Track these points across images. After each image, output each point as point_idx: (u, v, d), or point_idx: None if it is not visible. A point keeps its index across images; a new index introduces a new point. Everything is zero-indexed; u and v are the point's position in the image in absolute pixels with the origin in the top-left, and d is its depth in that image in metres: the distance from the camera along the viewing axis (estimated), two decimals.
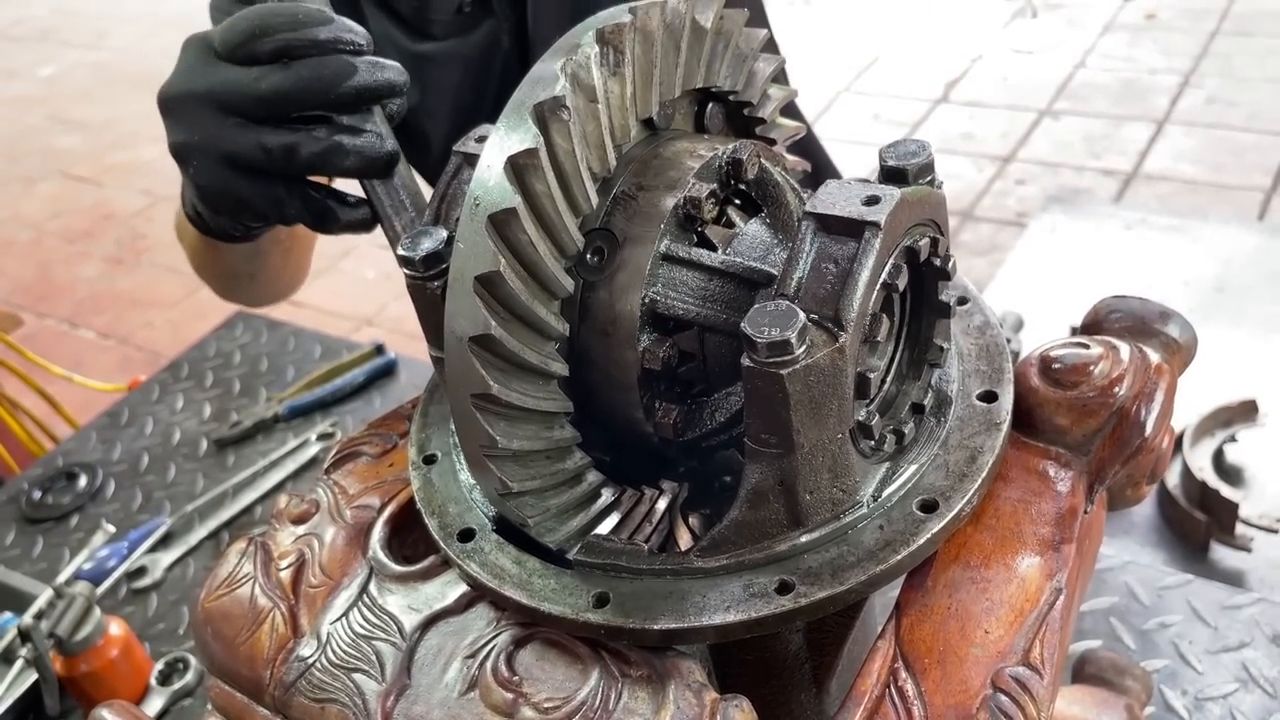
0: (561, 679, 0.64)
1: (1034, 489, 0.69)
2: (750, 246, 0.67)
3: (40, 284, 5.13)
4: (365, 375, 2.11)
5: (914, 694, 0.59)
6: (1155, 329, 0.80)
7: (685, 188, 0.65)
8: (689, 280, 0.65)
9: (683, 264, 0.65)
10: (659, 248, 0.64)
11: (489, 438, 0.61)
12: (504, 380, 0.60)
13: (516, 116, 0.60)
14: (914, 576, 0.65)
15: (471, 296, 0.58)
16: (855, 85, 5.49)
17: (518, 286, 0.58)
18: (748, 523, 0.62)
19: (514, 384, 0.60)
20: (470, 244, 0.58)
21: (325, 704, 0.68)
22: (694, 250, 0.65)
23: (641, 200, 0.65)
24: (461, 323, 0.59)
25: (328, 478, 0.83)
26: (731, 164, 0.67)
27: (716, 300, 0.64)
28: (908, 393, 0.68)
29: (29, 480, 2.05)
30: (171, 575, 1.80)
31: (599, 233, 0.65)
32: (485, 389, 0.59)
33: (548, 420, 0.63)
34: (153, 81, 0.97)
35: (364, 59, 0.85)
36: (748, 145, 0.67)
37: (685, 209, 0.65)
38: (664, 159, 0.67)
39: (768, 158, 0.69)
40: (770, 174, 0.69)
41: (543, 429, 0.63)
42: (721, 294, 0.64)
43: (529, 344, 0.60)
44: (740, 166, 0.66)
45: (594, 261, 0.65)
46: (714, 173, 0.67)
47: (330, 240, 1.23)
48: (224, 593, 0.76)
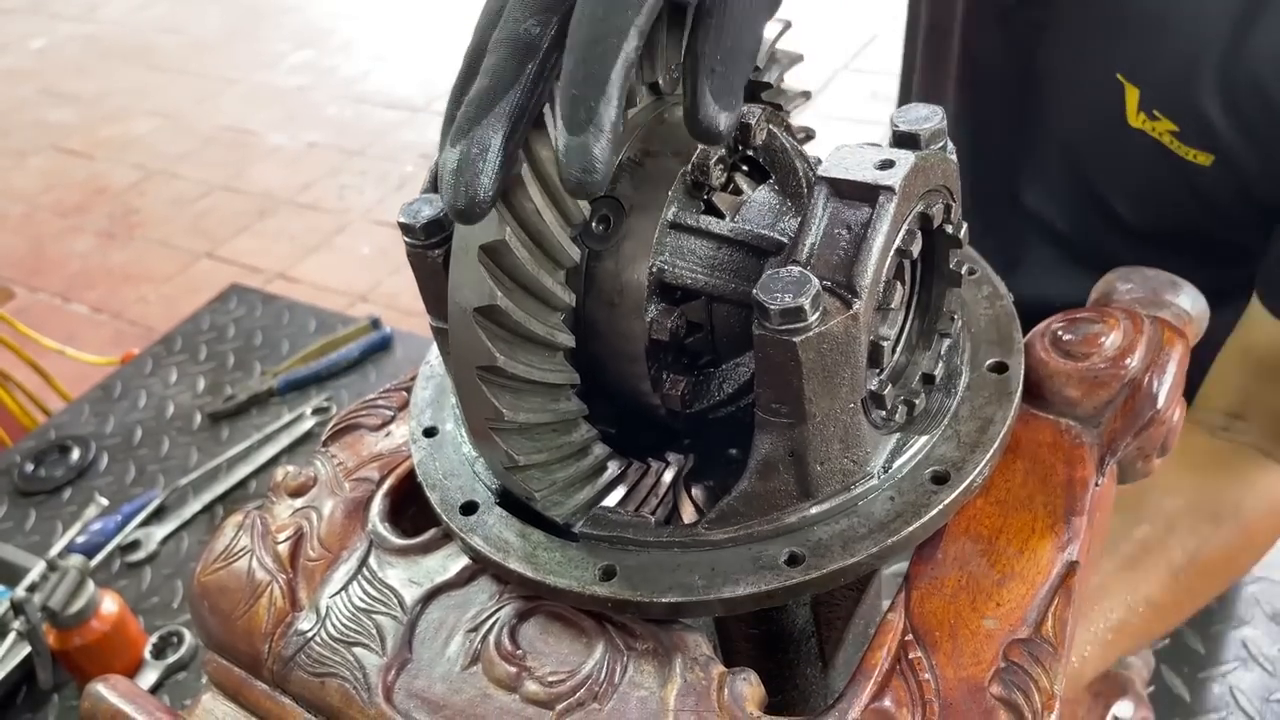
0: (566, 652, 0.63)
1: (1044, 461, 0.68)
2: (759, 214, 0.65)
3: (32, 258, 5.10)
4: (360, 350, 2.10)
5: (925, 666, 0.58)
6: (1166, 300, 0.80)
7: (692, 153, 0.63)
8: (697, 249, 0.63)
9: (690, 232, 0.63)
10: (666, 215, 0.63)
11: (495, 410, 0.59)
12: (510, 352, 0.58)
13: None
14: (924, 549, 0.64)
15: (476, 266, 0.57)
16: (853, 63, 5.46)
17: (524, 256, 0.57)
18: (757, 494, 0.61)
19: (520, 356, 0.59)
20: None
21: (325, 678, 0.67)
22: (702, 218, 0.64)
23: (648, 166, 0.64)
24: (466, 293, 0.58)
25: (325, 450, 0.82)
26: (739, 129, 0.65)
27: (725, 269, 0.63)
28: (918, 363, 0.67)
29: (21, 453, 2.04)
30: (165, 549, 1.80)
31: (605, 200, 0.64)
32: (491, 361, 0.58)
33: (554, 392, 0.62)
34: (145, 55, 0.96)
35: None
36: (755, 110, 0.65)
37: (693, 175, 0.64)
38: (670, 124, 0.65)
39: (775, 123, 0.68)
40: (778, 139, 0.67)
41: (549, 401, 0.62)
42: (730, 262, 0.63)
43: (535, 315, 0.59)
44: (748, 131, 0.65)
45: (600, 230, 0.64)
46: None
47: (325, 216, 1.21)
48: (220, 566, 0.75)
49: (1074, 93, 1.27)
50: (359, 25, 6.74)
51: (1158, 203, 1.24)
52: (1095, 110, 1.23)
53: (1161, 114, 1.15)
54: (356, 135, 5.65)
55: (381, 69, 6.23)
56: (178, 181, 5.49)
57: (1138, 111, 1.17)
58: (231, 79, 6.39)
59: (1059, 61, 1.27)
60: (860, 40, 5.62)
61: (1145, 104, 1.16)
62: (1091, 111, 1.25)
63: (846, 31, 5.67)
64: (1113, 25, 1.18)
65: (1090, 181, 1.30)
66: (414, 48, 6.32)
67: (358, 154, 5.49)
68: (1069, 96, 1.28)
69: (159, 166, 5.64)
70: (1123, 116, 1.19)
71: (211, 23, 7.12)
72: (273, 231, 5.01)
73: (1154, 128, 1.16)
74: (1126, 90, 1.17)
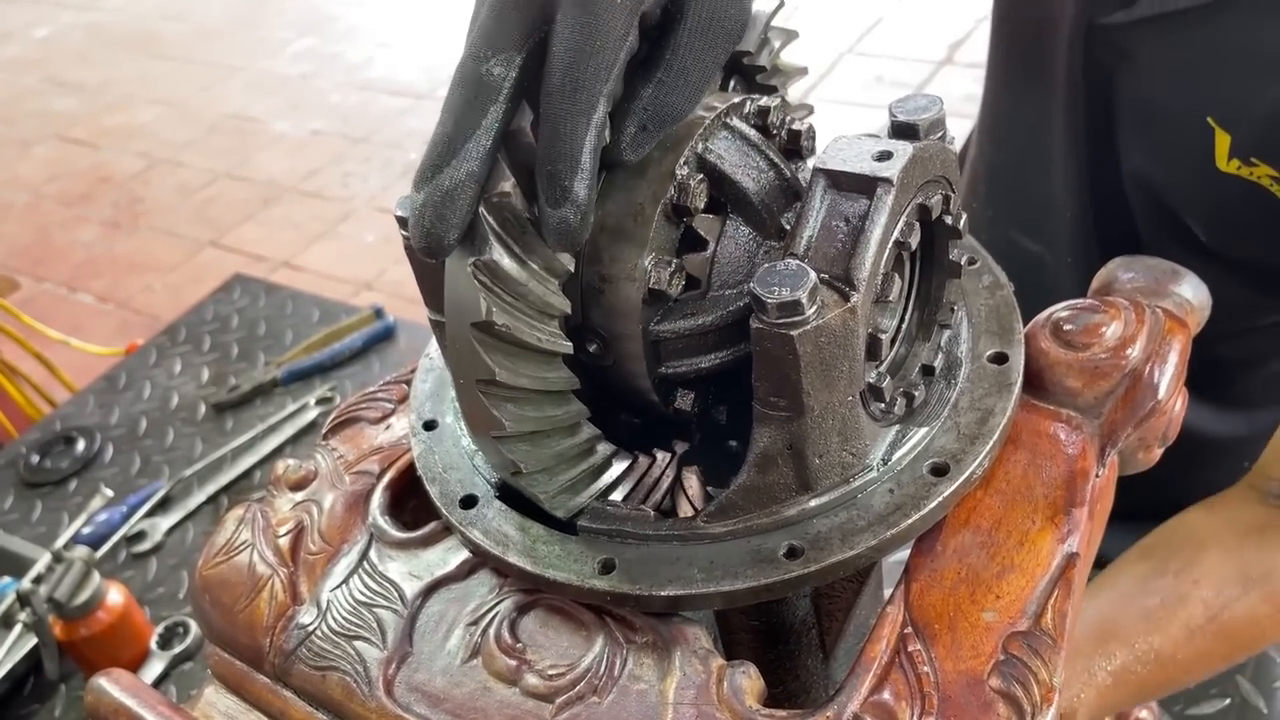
0: (565, 646, 0.63)
1: (1045, 452, 0.67)
2: (731, 269, 0.63)
3: (37, 248, 5.11)
4: (364, 340, 2.10)
5: (925, 659, 0.58)
6: (1168, 289, 0.79)
7: (644, 276, 0.61)
8: (688, 346, 0.63)
9: (676, 338, 0.63)
10: (648, 338, 0.62)
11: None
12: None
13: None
14: (923, 541, 0.64)
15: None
16: (858, 47, 5.44)
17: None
18: (756, 487, 0.61)
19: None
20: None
21: (326, 671, 0.67)
22: (679, 324, 0.62)
23: (609, 295, 0.62)
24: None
25: (326, 444, 0.82)
26: (676, 210, 0.62)
27: (720, 346, 0.63)
28: (917, 354, 0.66)
29: (27, 444, 2.04)
30: (170, 540, 1.80)
31: (585, 330, 0.63)
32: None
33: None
34: (148, 43, 0.95)
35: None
36: (687, 180, 0.61)
37: (651, 296, 0.62)
38: (610, 232, 0.62)
39: (719, 140, 0.63)
40: (720, 172, 0.63)
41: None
42: (723, 339, 0.63)
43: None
44: (686, 210, 0.61)
45: (596, 351, 0.64)
46: (665, 225, 0.62)
47: (329, 204, 1.20)
48: (222, 560, 0.75)
49: (1155, 129, 1.20)
50: (362, 12, 6.72)
51: (1251, 238, 1.18)
52: (1179, 149, 1.16)
53: (1260, 160, 1.09)
54: (360, 122, 5.64)
55: (385, 56, 6.21)
56: (182, 170, 5.49)
57: (1229, 157, 1.11)
58: (235, 67, 6.38)
59: (1141, 94, 1.20)
60: (865, 23, 5.59)
61: (1239, 150, 1.10)
62: (1175, 151, 1.18)
63: (851, 15, 5.65)
64: (1206, 65, 1.11)
65: (1170, 211, 1.23)
66: (417, 34, 6.30)
67: (362, 141, 5.48)
68: (1148, 131, 1.21)
69: (163, 155, 5.63)
70: (1211, 160, 1.12)
71: (215, 10, 7.11)
72: (277, 220, 5.01)
73: (1251, 173, 1.10)
74: (1217, 135, 1.12)
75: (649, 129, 0.60)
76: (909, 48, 5.34)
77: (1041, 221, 1.37)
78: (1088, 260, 1.32)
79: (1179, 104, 1.15)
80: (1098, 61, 1.21)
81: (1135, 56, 1.18)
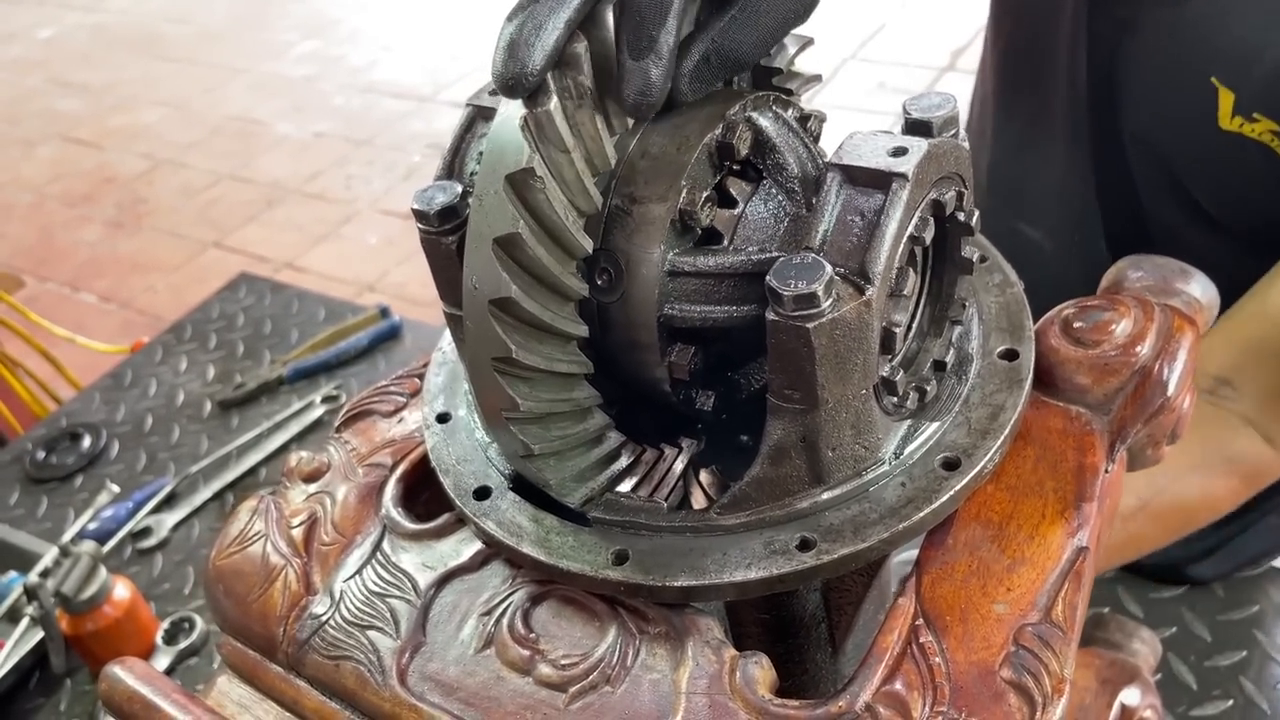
0: (579, 636, 0.63)
1: (1055, 447, 0.68)
2: (757, 230, 0.64)
3: (41, 248, 5.11)
4: (370, 338, 2.11)
5: (936, 650, 0.58)
6: (1177, 287, 0.80)
7: (679, 196, 0.62)
8: (700, 289, 0.63)
9: (690, 275, 0.63)
10: (663, 265, 0.63)
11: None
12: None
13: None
14: (934, 534, 0.64)
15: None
16: (861, 53, 5.45)
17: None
18: (769, 479, 0.61)
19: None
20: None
21: (340, 661, 0.67)
22: (699, 259, 0.63)
23: (636, 215, 0.63)
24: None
25: (339, 436, 0.82)
26: (720, 149, 0.63)
27: (732, 300, 0.63)
28: (929, 350, 0.67)
29: (33, 440, 2.05)
30: (176, 535, 1.81)
31: (603, 253, 0.64)
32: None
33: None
34: (152, 44, 0.96)
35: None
36: (737, 122, 0.64)
37: (682, 220, 0.62)
38: (653, 159, 0.63)
39: (764, 112, 0.66)
40: (766, 137, 0.65)
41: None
42: (735, 293, 0.63)
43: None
44: (730, 151, 0.63)
45: (603, 283, 0.64)
46: (706, 164, 0.63)
47: (332, 206, 1.21)
48: (235, 550, 0.75)
49: (1157, 95, 1.24)
50: (366, 15, 6.74)
51: (1252, 199, 1.21)
52: (1182, 113, 1.20)
53: (1262, 115, 1.12)
54: (364, 125, 5.65)
55: (389, 58, 6.23)
56: (185, 171, 5.50)
57: (1232, 115, 1.14)
58: (239, 69, 6.39)
59: (1142, 63, 1.23)
60: (868, 30, 5.60)
61: (1242, 107, 1.13)
62: (1177, 114, 1.21)
63: (854, 21, 5.66)
64: (1209, 25, 1.15)
65: (1172, 178, 1.26)
66: (421, 37, 6.31)
67: (365, 144, 5.49)
68: (1151, 99, 1.25)
69: (167, 156, 5.64)
70: (1214, 121, 1.15)
71: (218, 12, 7.12)
72: (280, 221, 5.01)
73: (1252, 129, 1.13)
74: (1220, 94, 1.14)
75: (711, 62, 0.61)
76: (912, 54, 5.34)
77: (1044, 206, 1.39)
78: (1093, 243, 1.34)
79: (1183, 66, 1.17)
80: (1100, 36, 1.24)
81: (1139, 26, 1.21)
